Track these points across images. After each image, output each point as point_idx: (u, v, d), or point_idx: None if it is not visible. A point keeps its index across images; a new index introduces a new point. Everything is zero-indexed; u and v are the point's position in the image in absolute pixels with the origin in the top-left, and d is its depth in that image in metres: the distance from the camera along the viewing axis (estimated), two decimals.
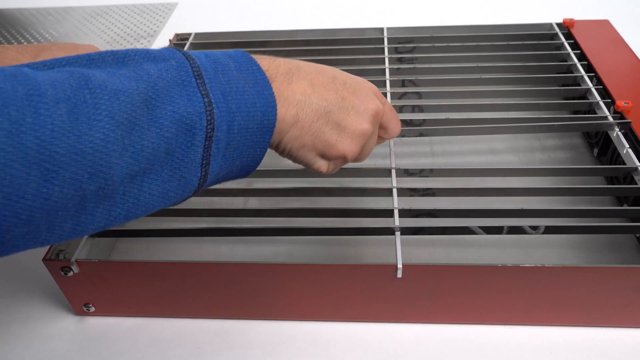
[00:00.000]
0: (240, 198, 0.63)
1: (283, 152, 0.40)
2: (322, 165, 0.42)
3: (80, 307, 0.54)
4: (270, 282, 0.50)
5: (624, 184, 0.58)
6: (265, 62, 0.38)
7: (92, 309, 0.54)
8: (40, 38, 1.10)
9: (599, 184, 0.63)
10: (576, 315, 0.50)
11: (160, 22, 1.14)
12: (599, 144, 0.65)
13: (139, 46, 1.05)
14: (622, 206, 0.59)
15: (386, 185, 0.56)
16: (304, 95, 0.38)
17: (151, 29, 1.11)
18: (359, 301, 0.51)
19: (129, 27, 1.13)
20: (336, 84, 0.41)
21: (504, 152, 0.70)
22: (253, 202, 0.63)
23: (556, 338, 0.51)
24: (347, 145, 0.41)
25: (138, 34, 1.10)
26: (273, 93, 0.36)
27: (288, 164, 0.70)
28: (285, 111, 0.37)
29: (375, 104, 0.42)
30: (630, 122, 0.60)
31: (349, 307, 0.51)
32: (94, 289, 0.53)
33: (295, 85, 0.38)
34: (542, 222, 0.51)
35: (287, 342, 0.52)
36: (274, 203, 0.62)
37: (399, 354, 0.50)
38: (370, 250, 0.58)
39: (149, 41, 1.07)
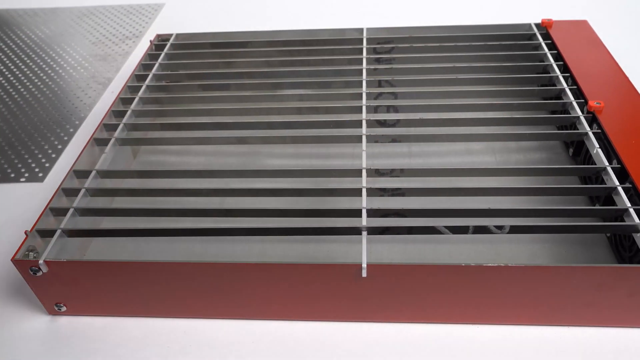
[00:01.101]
0: (217, 198, 0.63)
1: None
2: None
3: (52, 306, 0.55)
4: (238, 281, 0.50)
5: (595, 183, 0.58)
6: None
7: (64, 308, 0.55)
8: (26, 39, 1.10)
9: (574, 184, 0.63)
10: (541, 314, 0.50)
11: (147, 22, 1.14)
12: (574, 144, 0.65)
13: (124, 47, 1.06)
14: (594, 206, 0.60)
15: (357, 185, 0.56)
16: None
17: (137, 29, 1.12)
18: (327, 300, 0.51)
19: (114, 28, 1.13)
20: None
21: (481, 152, 0.70)
22: (229, 202, 0.63)
23: (522, 337, 0.51)
24: None
25: (124, 34, 1.10)
26: None
27: (264, 164, 0.70)
28: None
29: None
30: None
31: (317, 306, 0.52)
32: (64, 289, 0.53)
33: None
34: (510, 221, 0.51)
35: (256, 341, 0.52)
36: (249, 203, 0.62)
37: (367, 353, 0.50)
38: (343, 249, 0.58)
39: (134, 42, 1.07)
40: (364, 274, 0.47)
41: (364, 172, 0.57)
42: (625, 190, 0.53)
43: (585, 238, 0.58)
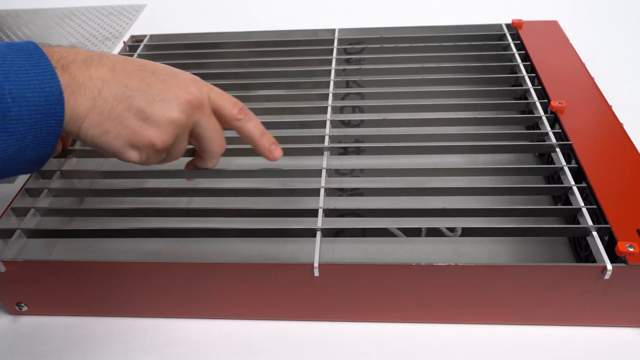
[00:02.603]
0: (185, 198, 0.64)
1: (86, 140, 0.39)
2: (132, 155, 0.41)
3: (12, 306, 0.55)
4: (195, 281, 0.51)
5: (555, 183, 0.59)
6: (63, 50, 0.38)
7: (25, 308, 0.55)
8: (6, 40, 1.11)
9: (539, 183, 0.63)
10: (495, 313, 0.51)
11: (127, 23, 1.14)
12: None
13: (104, 48, 1.06)
14: (556, 205, 0.60)
15: (317, 186, 0.56)
16: (102, 80, 0.38)
17: (117, 30, 1.12)
18: (283, 300, 0.51)
19: (95, 29, 1.13)
20: (143, 72, 0.40)
21: (451, 152, 0.70)
22: (196, 202, 0.64)
23: (477, 336, 0.51)
24: (153, 133, 0.40)
25: (104, 35, 1.11)
26: (50, 63, 0.36)
27: (235, 163, 0.70)
28: (80, 96, 0.37)
29: (190, 91, 0.41)
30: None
31: (274, 305, 0.52)
32: (25, 289, 0.53)
33: (94, 70, 0.38)
34: (463, 222, 0.52)
35: (215, 340, 0.53)
36: (213, 203, 0.62)
37: (324, 353, 0.51)
38: (306, 247, 0.58)
39: (113, 42, 1.07)
40: (316, 274, 0.48)
41: (323, 172, 0.57)
42: (581, 190, 0.54)
43: (547, 237, 0.58)
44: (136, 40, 0.86)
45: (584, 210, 0.51)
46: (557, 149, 0.58)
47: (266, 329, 0.53)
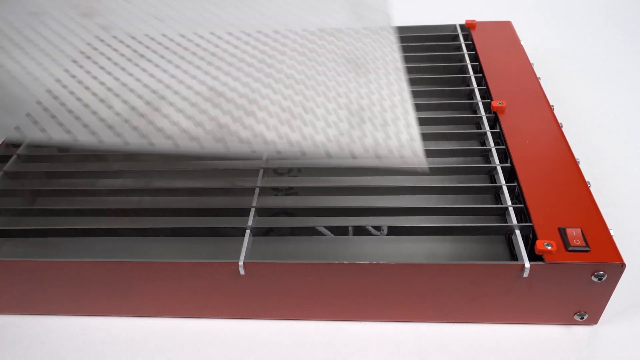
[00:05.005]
0: (136, 197, 0.64)
1: None
2: None
3: None
4: (127, 279, 0.51)
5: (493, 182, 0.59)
6: None
7: None
8: None
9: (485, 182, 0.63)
10: (422, 310, 0.51)
11: None
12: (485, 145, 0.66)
13: None
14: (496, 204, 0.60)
15: (252, 185, 0.57)
16: None
17: None
18: (213, 298, 0.52)
19: None
20: None
21: None
22: (146, 202, 0.64)
23: (404, 334, 0.52)
24: None
25: None
26: None
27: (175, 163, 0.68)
28: None
29: None
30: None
31: (204, 303, 0.53)
32: None
33: None
34: (398, 221, 0.52)
35: (147, 338, 0.53)
36: (155, 203, 0.63)
37: (254, 350, 0.51)
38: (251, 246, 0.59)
39: None
40: (242, 272, 0.48)
41: (260, 172, 0.58)
42: (511, 189, 0.54)
43: (487, 236, 0.58)
44: None
45: (510, 209, 0.51)
46: (493, 149, 0.59)
47: (198, 327, 0.54)
